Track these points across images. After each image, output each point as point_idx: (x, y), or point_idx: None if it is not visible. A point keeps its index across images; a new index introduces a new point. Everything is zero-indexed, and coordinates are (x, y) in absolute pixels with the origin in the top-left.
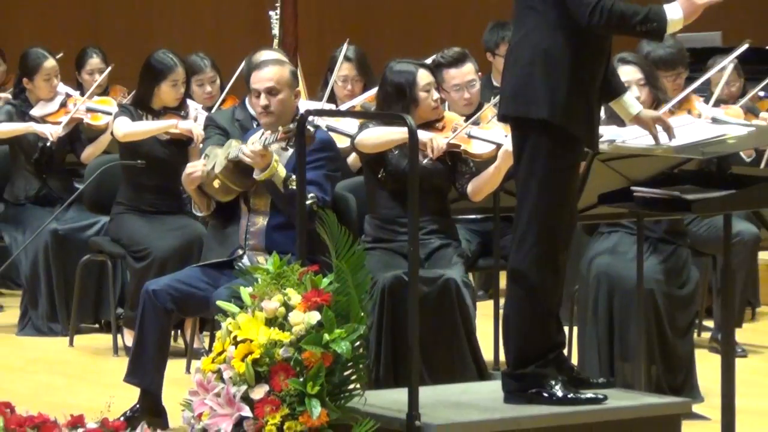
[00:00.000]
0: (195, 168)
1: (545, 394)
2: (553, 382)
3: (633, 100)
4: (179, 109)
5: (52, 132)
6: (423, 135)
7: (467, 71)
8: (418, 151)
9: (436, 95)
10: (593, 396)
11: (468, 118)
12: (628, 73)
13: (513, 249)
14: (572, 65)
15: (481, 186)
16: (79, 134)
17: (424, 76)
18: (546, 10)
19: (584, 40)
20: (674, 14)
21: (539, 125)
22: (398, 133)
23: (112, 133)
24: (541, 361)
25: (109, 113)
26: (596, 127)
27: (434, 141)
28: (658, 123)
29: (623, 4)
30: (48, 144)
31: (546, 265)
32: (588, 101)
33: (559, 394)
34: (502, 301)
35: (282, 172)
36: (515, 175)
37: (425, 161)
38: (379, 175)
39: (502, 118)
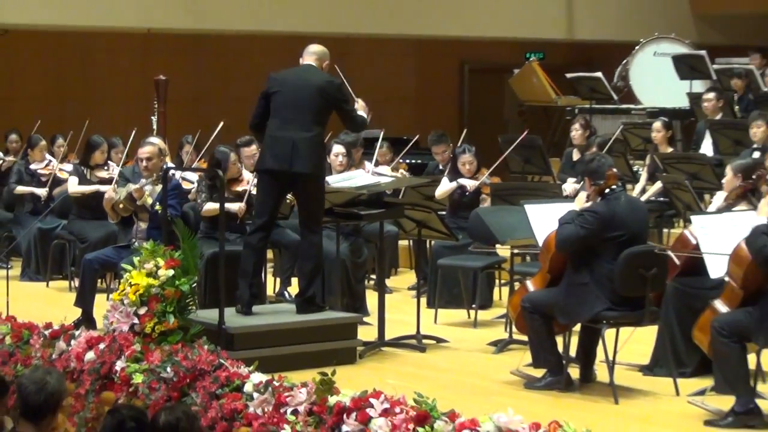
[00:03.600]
0: (108, 194)
1: (313, 307)
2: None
3: None
4: (105, 165)
5: (43, 180)
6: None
7: (253, 150)
8: (225, 191)
9: (239, 165)
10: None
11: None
12: (339, 149)
13: (306, 231)
14: None
15: None
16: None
17: (233, 156)
18: (325, 123)
19: None
20: (365, 116)
21: (321, 175)
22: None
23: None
24: (314, 288)
25: (69, 172)
26: None
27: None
28: None
29: (362, 115)
30: (43, 189)
31: (321, 241)
32: None
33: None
34: None
35: (149, 201)
36: (302, 198)
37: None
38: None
39: (297, 171)
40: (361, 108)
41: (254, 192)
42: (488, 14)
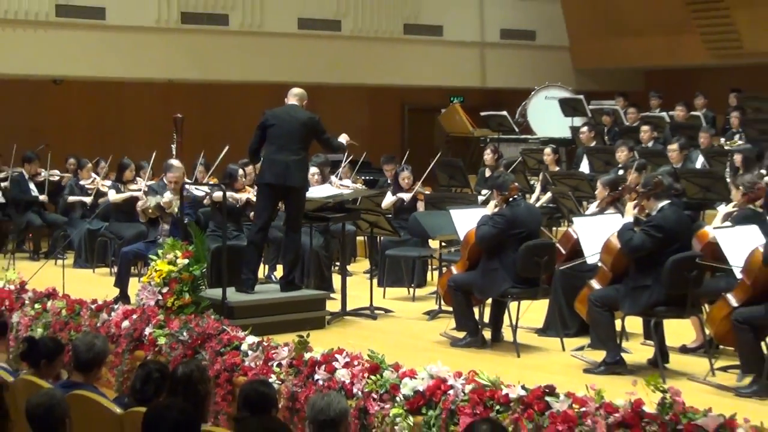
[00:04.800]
0: (140, 203)
1: (293, 287)
2: (297, 282)
3: None
4: (134, 181)
5: (89, 192)
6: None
7: (251, 169)
8: (226, 200)
9: (243, 180)
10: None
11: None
12: (314, 170)
13: (290, 230)
14: None
15: None
16: (97, 193)
17: (241, 171)
18: (308, 148)
19: None
20: (343, 141)
21: (306, 188)
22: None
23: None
24: (294, 273)
25: (109, 186)
26: None
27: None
28: None
29: (338, 141)
30: (89, 198)
31: (300, 238)
32: None
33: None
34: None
35: (174, 209)
36: (290, 204)
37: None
38: (218, 207)
39: (290, 185)
40: (344, 138)
41: (252, 196)
42: (422, 68)
